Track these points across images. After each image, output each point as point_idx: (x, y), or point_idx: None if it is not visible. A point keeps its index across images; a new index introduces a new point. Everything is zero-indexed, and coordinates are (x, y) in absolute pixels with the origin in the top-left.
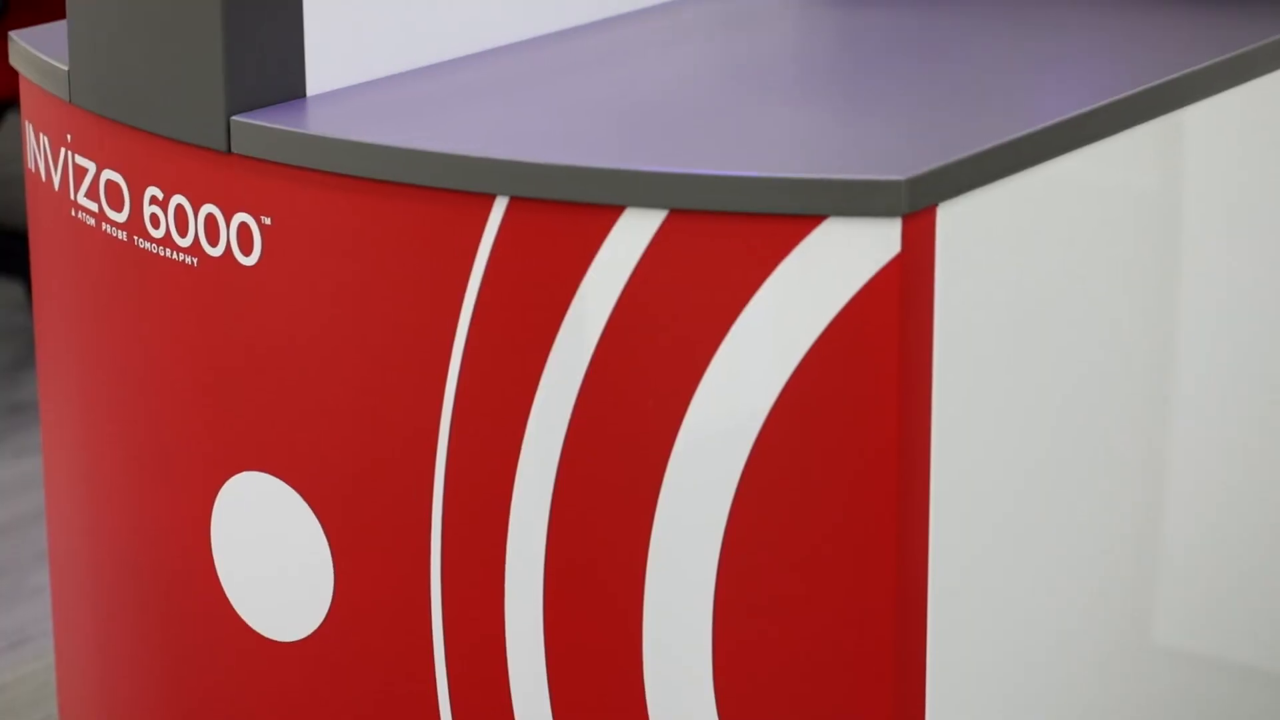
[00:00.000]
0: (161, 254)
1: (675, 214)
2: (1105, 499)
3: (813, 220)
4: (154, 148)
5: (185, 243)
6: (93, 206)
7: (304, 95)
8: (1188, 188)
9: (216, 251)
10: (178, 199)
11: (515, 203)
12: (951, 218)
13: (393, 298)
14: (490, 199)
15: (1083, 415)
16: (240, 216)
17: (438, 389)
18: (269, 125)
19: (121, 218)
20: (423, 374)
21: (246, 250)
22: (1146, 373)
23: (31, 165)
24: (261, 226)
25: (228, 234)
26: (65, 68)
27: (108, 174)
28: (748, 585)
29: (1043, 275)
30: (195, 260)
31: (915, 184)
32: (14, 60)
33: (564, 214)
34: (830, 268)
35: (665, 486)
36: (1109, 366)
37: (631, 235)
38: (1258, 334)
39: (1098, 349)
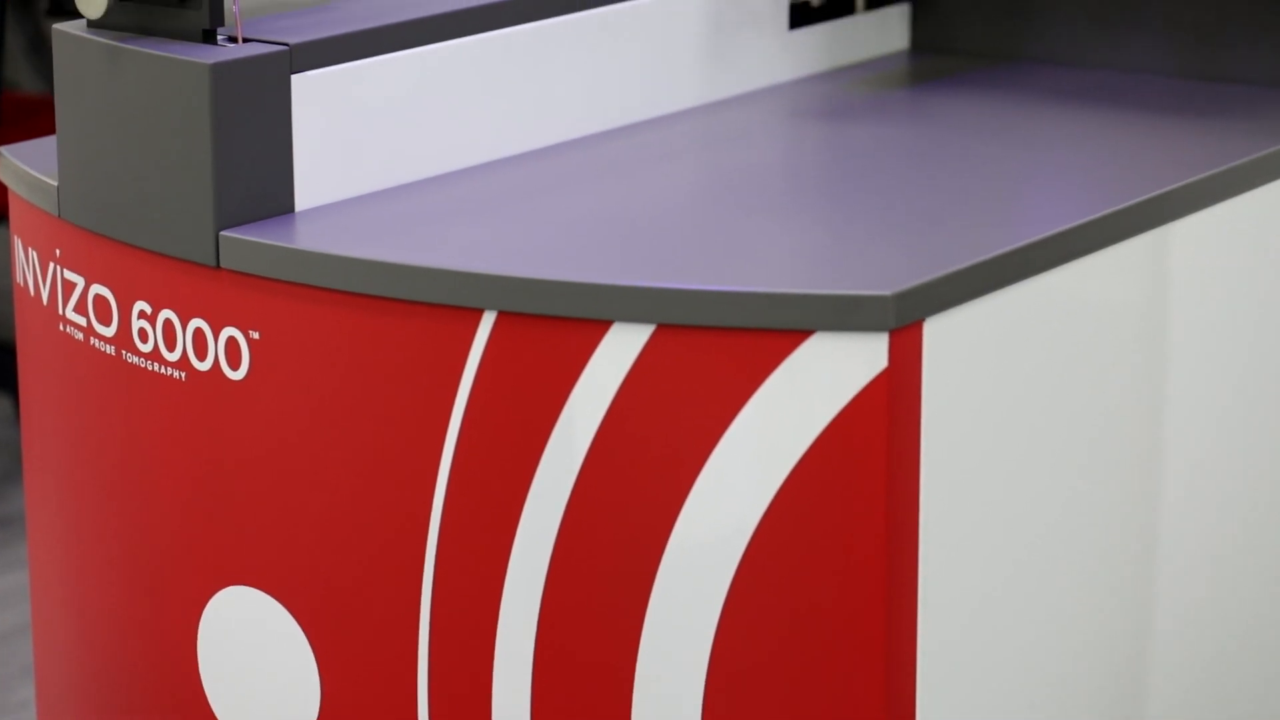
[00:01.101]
0: (149, 368)
1: (662, 328)
2: (1095, 609)
3: (800, 335)
4: (143, 262)
5: (173, 357)
6: (81, 321)
7: (293, 210)
8: (1174, 301)
9: (204, 365)
10: (166, 313)
11: (503, 317)
12: (938, 332)
13: (380, 412)
14: (478, 314)
15: (1071, 530)
16: (228, 331)
17: (425, 503)
18: (258, 240)
19: (110, 332)
20: (410, 488)
21: (234, 364)
22: (1133, 485)
23: (20, 279)
24: (250, 341)
25: (216, 348)
26: (54, 183)
27: (96, 288)
28: (736, 698)
29: (1030, 388)
30: (183, 374)
31: (902, 299)
32: (3, 175)
33: (552, 328)
34: (817, 382)
35: (654, 598)
36: (1097, 479)
37: (619, 350)
38: (1244, 445)
39: (1086, 461)
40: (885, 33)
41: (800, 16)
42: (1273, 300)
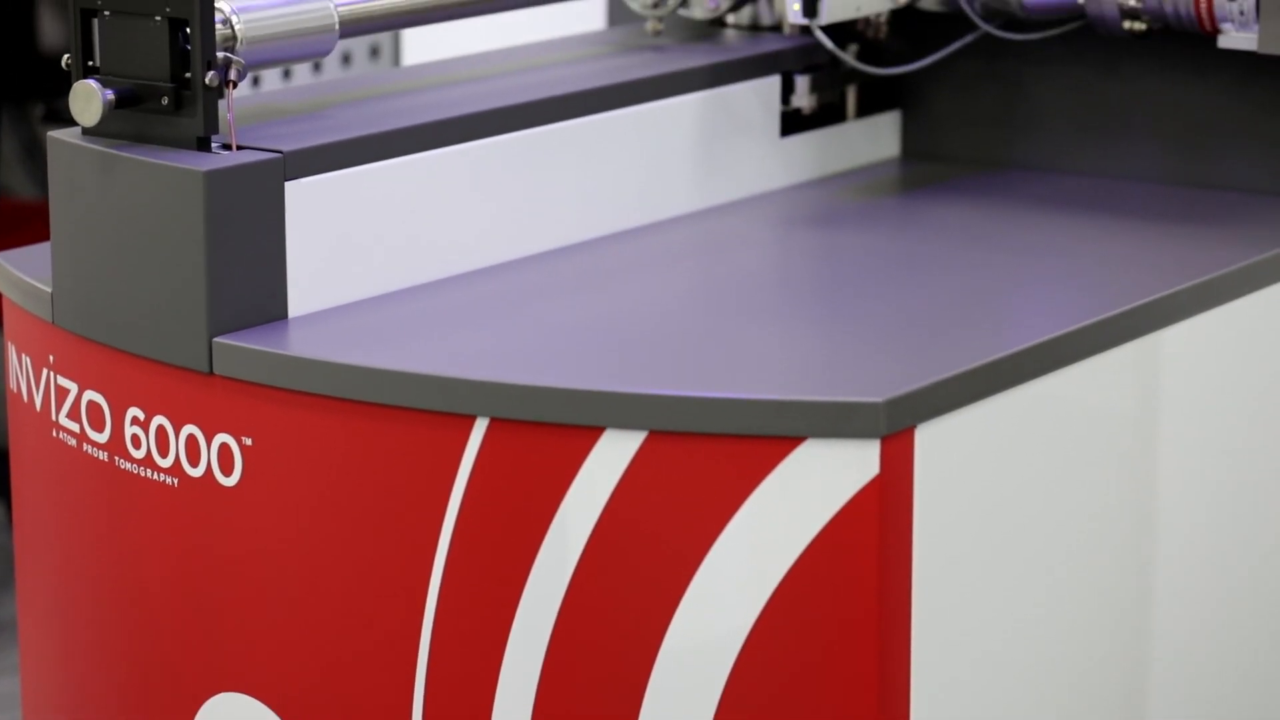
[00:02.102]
0: (142, 474)
1: (655, 435)
2: (1089, 710)
3: (792, 442)
4: (136, 369)
5: (166, 463)
6: (74, 427)
7: (286, 317)
8: (1164, 407)
9: (197, 472)
10: (159, 420)
11: (495, 424)
12: (930, 439)
13: (373, 518)
14: (470, 420)
15: (1065, 636)
16: (221, 437)
17: (418, 609)
18: (251, 347)
19: (103, 438)
20: (403, 594)
21: (227, 471)
22: (1124, 588)
23: (13, 386)
24: (242, 447)
25: (208, 454)
26: (48, 289)
27: (89, 395)
28: None
29: (1022, 493)
30: (176, 481)
31: (893, 406)
32: None
33: (544, 435)
34: (809, 489)
35: (647, 703)
36: (1089, 583)
37: (611, 456)
38: (1234, 547)
39: (1078, 565)
40: (876, 140)
41: (792, 124)
42: (1262, 406)
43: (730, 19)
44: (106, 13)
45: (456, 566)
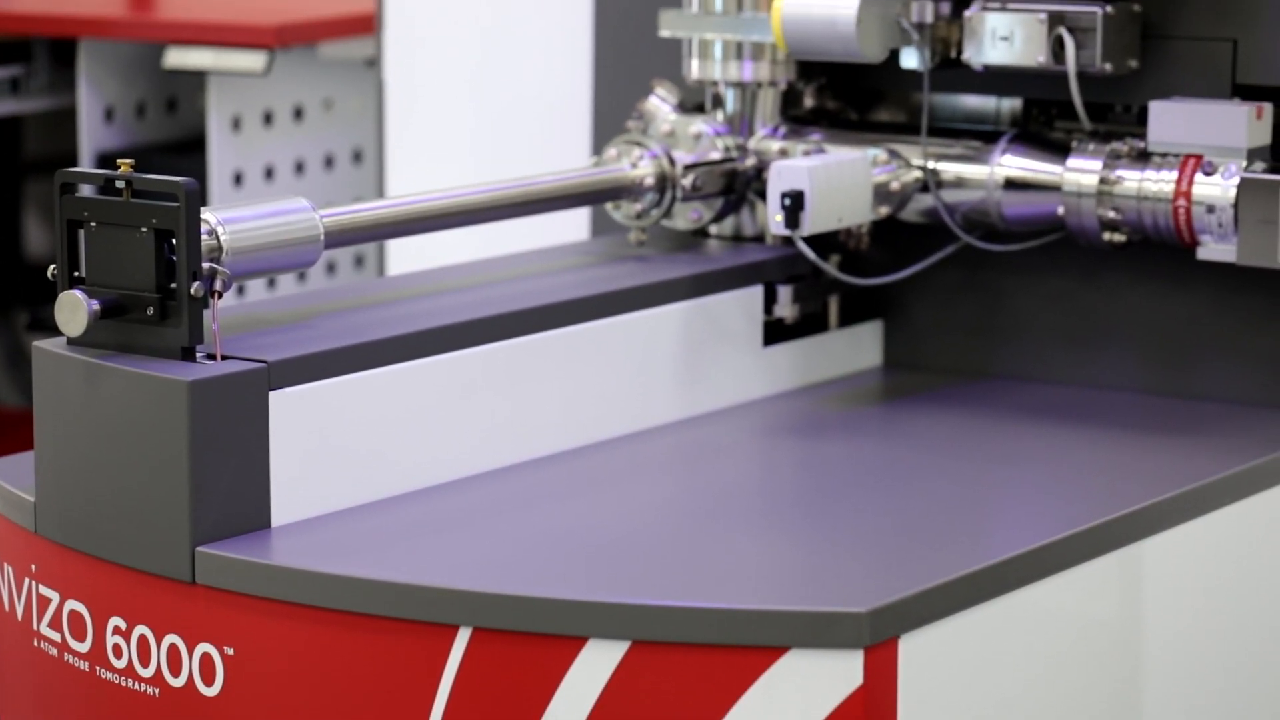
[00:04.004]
0: (124, 684)
1: (638, 645)
2: None
3: (775, 652)
4: (118, 578)
5: (147, 673)
6: (55, 636)
7: (269, 525)
8: (1148, 615)
9: (178, 682)
10: (141, 629)
11: (478, 633)
12: (913, 649)
13: None
14: (453, 629)
15: None
16: (203, 647)
17: None
18: (233, 556)
19: (84, 648)
20: None
21: (209, 680)
22: None
23: None
24: (224, 656)
25: (190, 664)
26: (31, 499)
27: (71, 604)
28: None
29: (1006, 700)
30: (157, 691)
31: (876, 616)
32: None
33: (527, 645)
34: (793, 700)
35: None
36: None
37: (595, 666)
38: None
39: None
40: (858, 349)
41: (774, 333)
42: (1245, 615)
43: (713, 229)
44: (93, 223)
45: None
